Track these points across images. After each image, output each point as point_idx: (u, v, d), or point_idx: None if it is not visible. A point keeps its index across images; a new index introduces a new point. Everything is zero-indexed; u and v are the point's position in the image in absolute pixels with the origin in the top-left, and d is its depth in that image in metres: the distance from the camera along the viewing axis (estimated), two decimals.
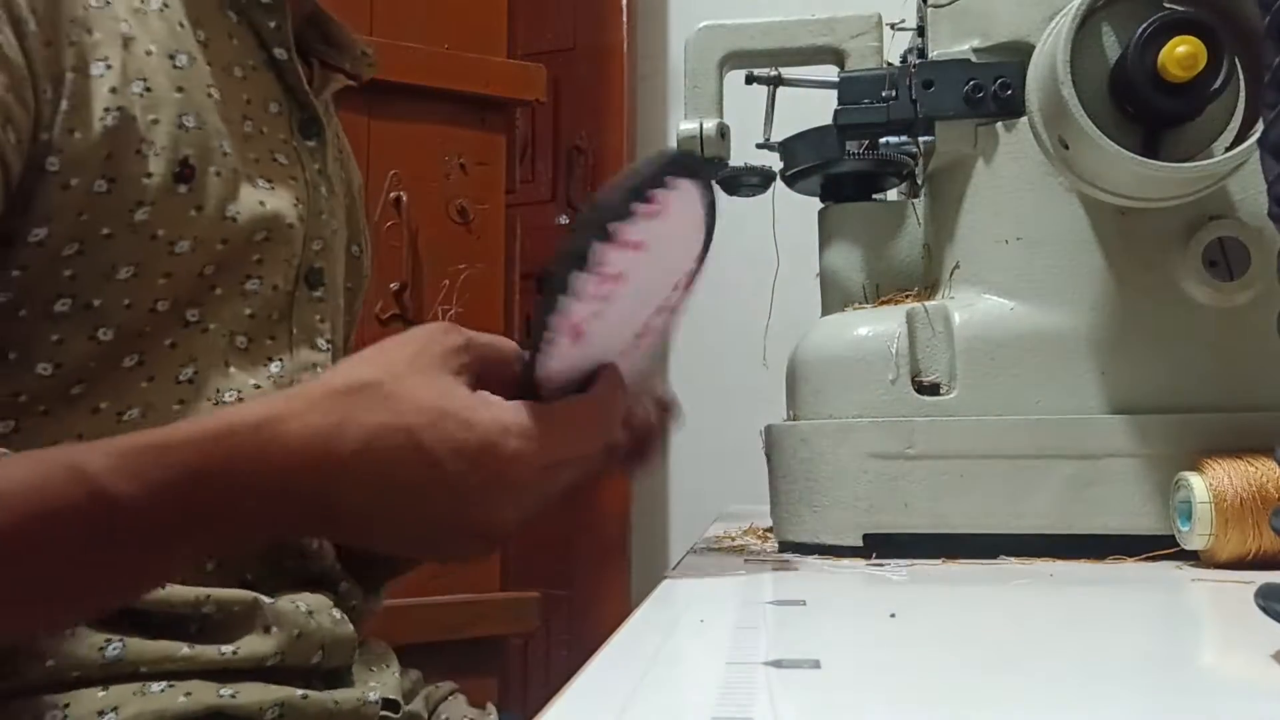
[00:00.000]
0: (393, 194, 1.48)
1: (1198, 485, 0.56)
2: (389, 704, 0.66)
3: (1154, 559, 0.60)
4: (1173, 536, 0.59)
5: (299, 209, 0.64)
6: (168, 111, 0.57)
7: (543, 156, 1.98)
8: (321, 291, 0.67)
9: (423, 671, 0.81)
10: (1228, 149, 0.57)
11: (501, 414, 0.48)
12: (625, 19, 1.96)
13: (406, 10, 1.50)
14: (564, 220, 1.97)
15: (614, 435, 0.52)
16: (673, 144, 0.81)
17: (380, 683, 0.68)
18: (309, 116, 0.67)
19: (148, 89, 0.57)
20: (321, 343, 0.66)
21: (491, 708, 0.83)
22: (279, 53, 0.65)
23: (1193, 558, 0.59)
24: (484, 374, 0.49)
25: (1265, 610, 0.35)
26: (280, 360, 0.63)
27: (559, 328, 0.47)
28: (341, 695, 0.63)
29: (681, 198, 0.48)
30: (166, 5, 0.60)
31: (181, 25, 0.60)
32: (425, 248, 1.51)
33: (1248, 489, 0.55)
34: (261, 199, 0.62)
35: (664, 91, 1.98)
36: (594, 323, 0.48)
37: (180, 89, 0.58)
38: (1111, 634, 0.43)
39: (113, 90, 0.55)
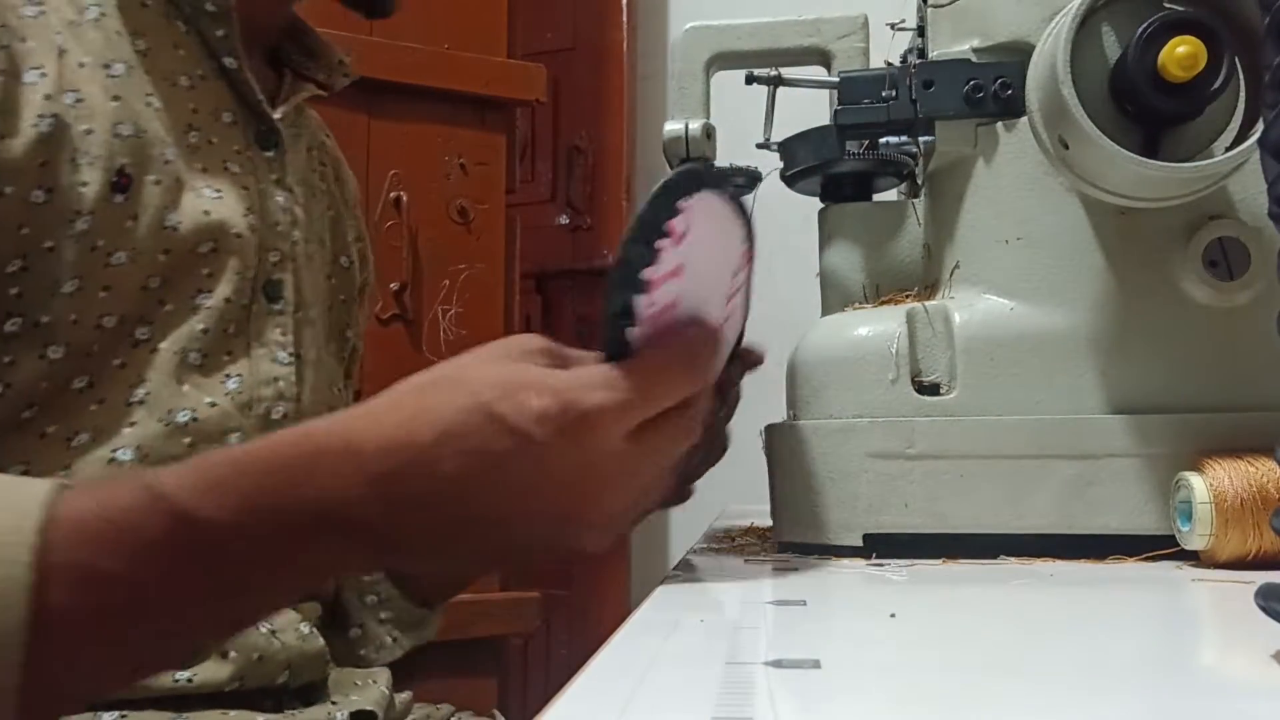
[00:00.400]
0: (393, 194, 1.49)
1: (1198, 485, 0.56)
2: (364, 715, 0.66)
3: (1154, 559, 0.60)
4: (1173, 537, 0.59)
5: (249, 219, 0.62)
6: (102, 121, 0.56)
7: (543, 156, 1.98)
8: (282, 304, 0.64)
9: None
10: (1228, 149, 0.57)
11: (580, 372, 0.45)
12: (625, 19, 1.96)
13: (406, 10, 1.50)
14: (564, 220, 1.97)
15: (708, 379, 0.48)
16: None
17: (360, 697, 0.68)
18: (267, 128, 0.66)
19: (80, 99, 0.56)
20: (283, 356, 0.63)
21: (499, 716, 0.82)
22: (228, 62, 0.63)
23: (1193, 558, 0.59)
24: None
25: (1265, 610, 0.35)
26: (239, 376, 0.61)
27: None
28: (307, 715, 0.62)
29: (699, 213, 0.48)
30: (104, 14, 0.59)
31: (119, 34, 0.59)
32: (425, 248, 1.51)
33: (1248, 489, 0.55)
34: (206, 208, 0.60)
35: (664, 91, 1.98)
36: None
37: (116, 98, 0.57)
38: (1112, 634, 0.43)
39: (47, 97, 0.54)
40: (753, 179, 0.81)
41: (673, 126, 0.77)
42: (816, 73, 0.79)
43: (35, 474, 0.51)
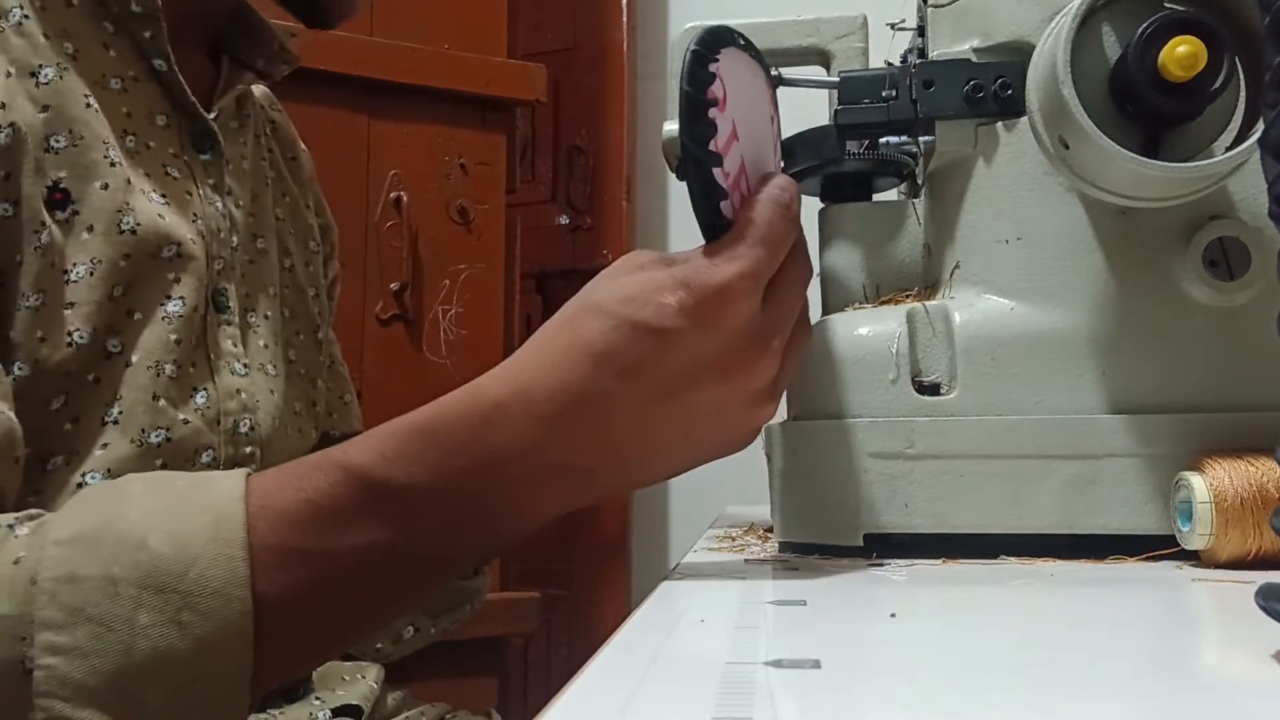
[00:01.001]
0: (393, 194, 1.49)
1: (1198, 485, 0.56)
2: (349, 710, 0.65)
3: (1154, 559, 0.60)
4: (1173, 536, 0.59)
5: (197, 224, 0.61)
6: (33, 135, 0.54)
7: (543, 156, 1.98)
8: (229, 314, 0.63)
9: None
10: (1228, 149, 0.57)
11: (696, 259, 0.47)
12: (625, 19, 1.96)
13: (406, 10, 1.50)
14: (564, 220, 1.97)
15: (800, 220, 0.52)
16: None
17: (347, 692, 0.67)
18: (201, 129, 0.64)
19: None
20: (239, 367, 0.62)
21: (496, 715, 0.82)
22: (158, 64, 0.61)
23: (1193, 558, 0.59)
24: None
25: (1266, 610, 0.35)
26: (204, 390, 0.60)
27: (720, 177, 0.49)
28: (290, 714, 0.62)
29: (728, 71, 0.51)
30: (26, 18, 0.56)
31: (46, 36, 0.56)
32: (425, 248, 1.51)
33: (1248, 489, 0.55)
34: (160, 212, 0.58)
35: (664, 91, 1.97)
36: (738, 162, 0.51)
37: (46, 107, 0.55)
38: (1112, 634, 0.43)
39: (1, 106, 0.52)
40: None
41: (671, 127, 0.77)
42: (816, 73, 0.78)
43: (7, 499, 0.50)
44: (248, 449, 0.61)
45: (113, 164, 0.57)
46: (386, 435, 0.46)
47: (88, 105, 0.57)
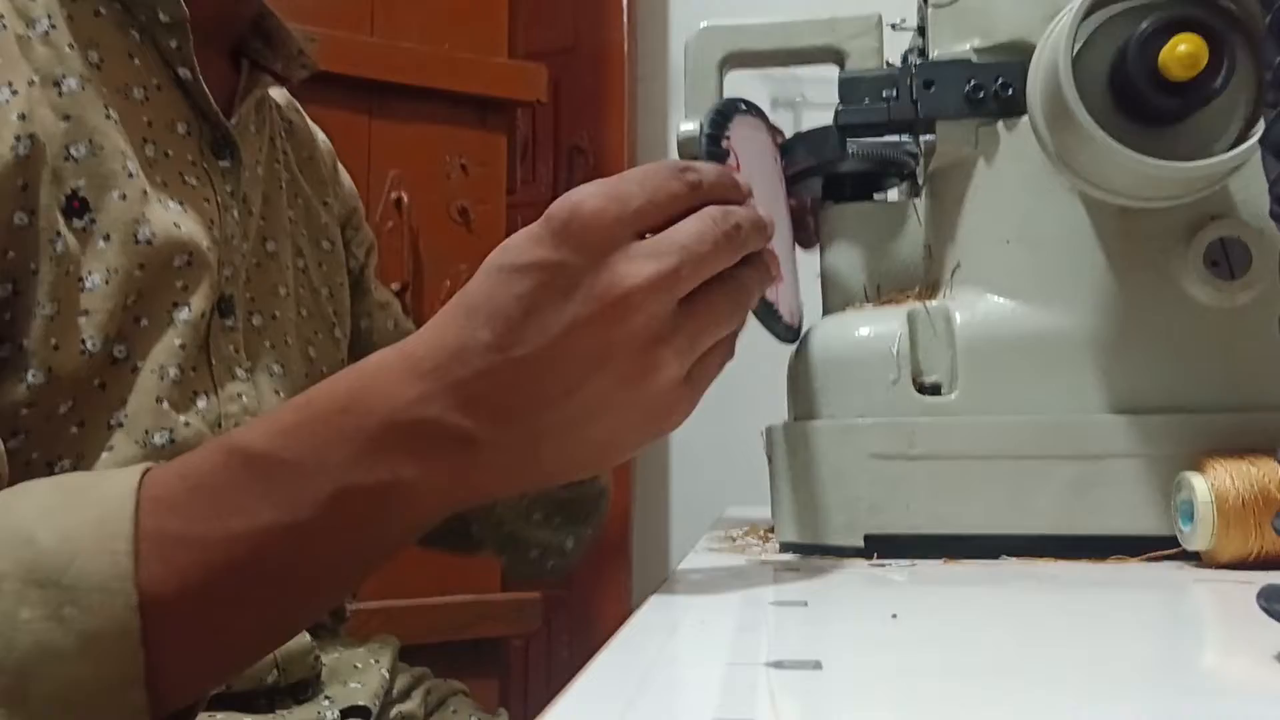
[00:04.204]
0: (393, 195, 1.49)
1: (1199, 486, 0.56)
2: (357, 711, 0.66)
3: (1156, 560, 0.60)
4: (1174, 537, 0.59)
5: (212, 231, 0.61)
6: (54, 145, 0.54)
7: (543, 157, 1.98)
8: (233, 320, 0.63)
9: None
10: (1229, 148, 0.57)
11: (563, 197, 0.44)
12: (625, 19, 1.96)
13: (406, 10, 1.50)
14: None
15: (693, 180, 0.46)
16: (673, 145, 0.81)
17: (359, 684, 0.67)
18: (221, 136, 0.64)
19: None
20: (240, 371, 0.63)
21: (503, 712, 0.82)
22: (183, 73, 0.62)
23: (1194, 559, 0.59)
24: None
25: (1267, 611, 0.35)
26: (205, 393, 0.60)
27: None
28: (298, 715, 0.62)
29: (739, 140, 0.57)
30: (53, 27, 0.56)
31: (70, 47, 0.57)
32: (426, 248, 1.51)
33: (1249, 489, 0.55)
34: (176, 221, 0.59)
35: (664, 92, 1.98)
36: None
37: (67, 117, 0.55)
38: (1113, 635, 0.43)
39: (21, 117, 0.52)
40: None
41: (688, 127, 0.77)
42: (830, 71, 0.78)
43: None
44: None
45: (130, 175, 0.57)
46: (272, 414, 0.44)
47: (108, 116, 0.57)
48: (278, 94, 0.77)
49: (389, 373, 0.43)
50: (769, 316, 0.64)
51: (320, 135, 0.81)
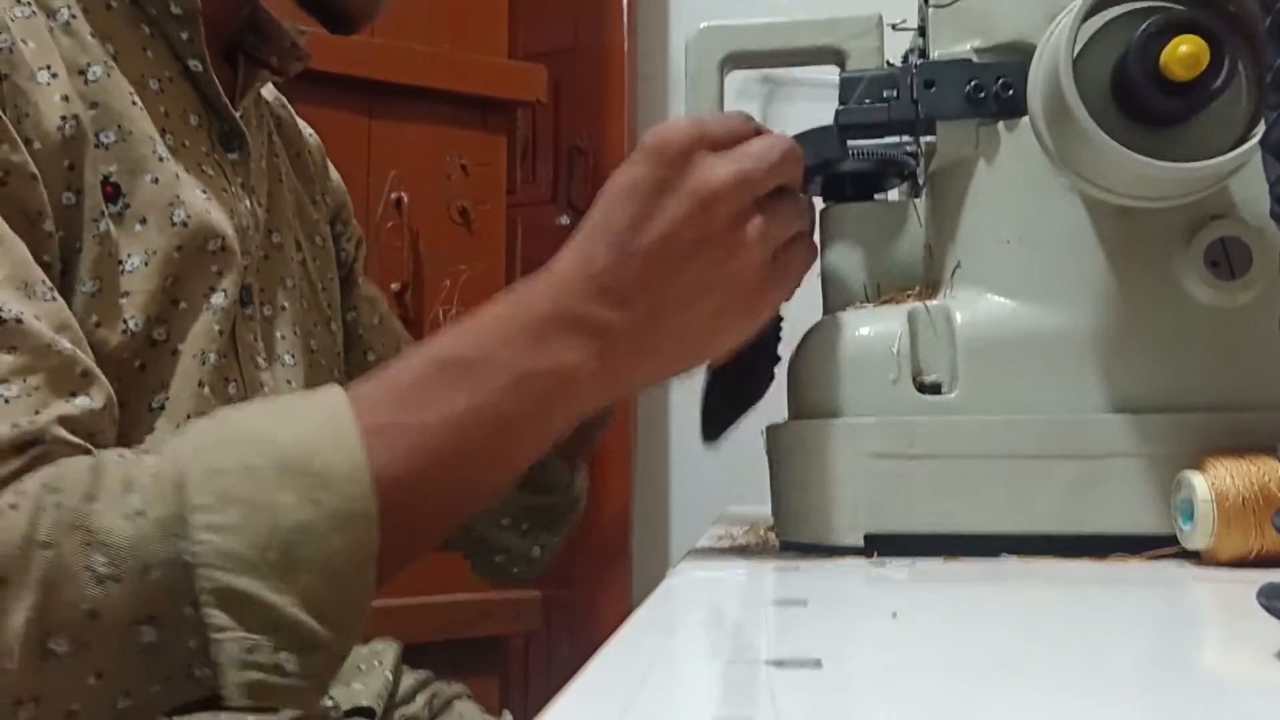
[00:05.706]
0: (393, 195, 1.49)
1: (1199, 485, 0.56)
2: (361, 711, 0.66)
3: (1156, 558, 0.60)
4: (1175, 536, 0.59)
5: (235, 220, 0.63)
6: (89, 130, 0.55)
7: (543, 157, 1.98)
8: (251, 310, 0.65)
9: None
10: (1230, 149, 0.57)
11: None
12: (625, 19, 1.96)
13: (406, 10, 1.50)
14: (565, 221, 1.97)
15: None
16: None
17: (362, 685, 0.68)
18: (229, 129, 0.65)
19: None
20: (261, 360, 0.64)
21: (506, 713, 0.83)
22: (194, 64, 0.63)
23: (1195, 557, 0.59)
24: None
25: (1268, 609, 0.35)
26: (235, 381, 0.62)
27: None
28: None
29: None
30: (74, 17, 0.57)
31: (91, 36, 0.58)
32: (426, 248, 1.51)
33: (1250, 488, 0.55)
34: (206, 207, 0.60)
35: (664, 92, 1.97)
36: None
37: (94, 104, 0.56)
38: (1114, 633, 0.43)
39: (64, 98, 0.54)
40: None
41: None
42: (830, 72, 0.78)
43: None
44: None
45: (161, 159, 0.59)
46: (451, 325, 0.54)
47: (133, 103, 0.58)
48: (265, 91, 0.77)
49: (541, 285, 0.54)
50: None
51: (308, 131, 0.82)
